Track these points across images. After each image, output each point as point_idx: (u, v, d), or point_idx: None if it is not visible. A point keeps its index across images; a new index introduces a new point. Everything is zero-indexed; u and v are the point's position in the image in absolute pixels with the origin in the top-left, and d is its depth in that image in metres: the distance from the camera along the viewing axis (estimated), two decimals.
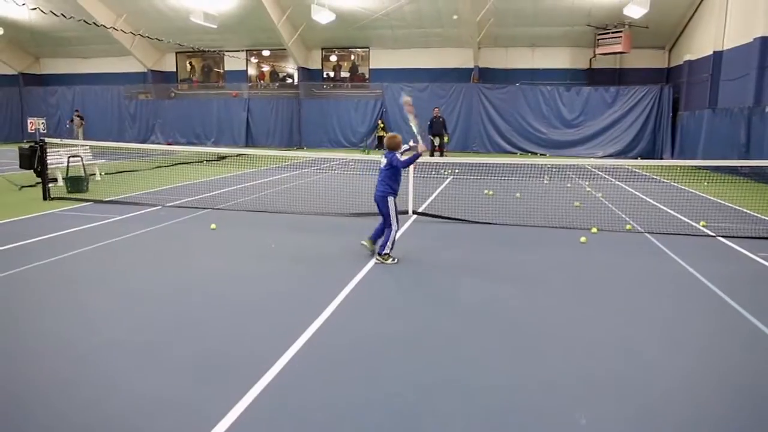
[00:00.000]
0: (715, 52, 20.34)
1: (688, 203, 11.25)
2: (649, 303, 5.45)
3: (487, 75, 27.74)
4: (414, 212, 9.51)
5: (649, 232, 8.47)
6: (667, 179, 15.64)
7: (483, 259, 6.98)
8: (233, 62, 31.44)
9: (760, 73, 17.10)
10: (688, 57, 23.25)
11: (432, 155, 20.09)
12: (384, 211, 6.76)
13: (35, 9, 23.33)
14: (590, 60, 26.64)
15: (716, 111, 19.49)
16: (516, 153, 26.35)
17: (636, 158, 24.70)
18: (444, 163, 18.35)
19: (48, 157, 11.46)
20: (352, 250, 7.06)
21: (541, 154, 25.92)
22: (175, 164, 17.42)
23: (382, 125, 28.31)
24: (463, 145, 27.20)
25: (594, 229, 8.49)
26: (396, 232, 6.76)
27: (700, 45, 22.21)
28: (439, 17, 25.37)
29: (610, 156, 24.98)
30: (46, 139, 11.81)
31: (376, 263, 6.62)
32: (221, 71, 32.79)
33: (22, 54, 33.71)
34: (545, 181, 14.03)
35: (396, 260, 6.70)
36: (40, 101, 33.40)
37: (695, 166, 18.31)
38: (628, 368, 3.95)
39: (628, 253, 7.35)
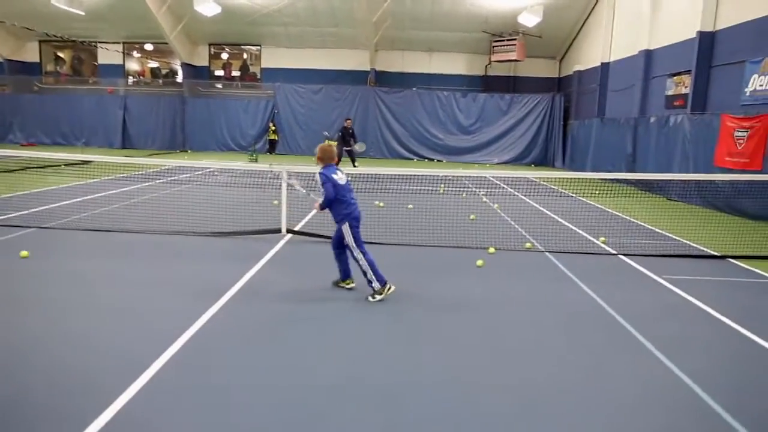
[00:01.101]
0: (602, 63, 20.79)
1: (584, 215, 10.82)
2: (554, 343, 4.54)
3: (383, 78, 26.95)
4: (288, 230, 8.19)
5: (549, 251, 7.74)
6: (562, 188, 15.45)
7: (358, 294, 5.79)
8: (108, 55, 28.36)
9: (645, 85, 17.49)
10: (577, 67, 23.75)
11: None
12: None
13: None
14: (486, 67, 26.63)
15: (604, 120, 19.85)
16: (413, 159, 25.74)
17: (530, 165, 24.93)
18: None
19: None
20: (193, 289, 5.64)
21: (437, 161, 25.49)
22: (25, 168, 14.87)
23: (273, 128, 26.67)
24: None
25: (491, 249, 7.62)
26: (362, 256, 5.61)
27: (588, 56, 22.70)
28: (334, 15, 24.21)
29: (505, 163, 25.04)
30: None
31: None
32: (95, 64, 29.54)
33: None
34: (440, 191, 13.26)
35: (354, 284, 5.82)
36: None
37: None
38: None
39: (529, 279, 6.50)
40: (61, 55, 30.12)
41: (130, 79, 29.49)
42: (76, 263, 6.35)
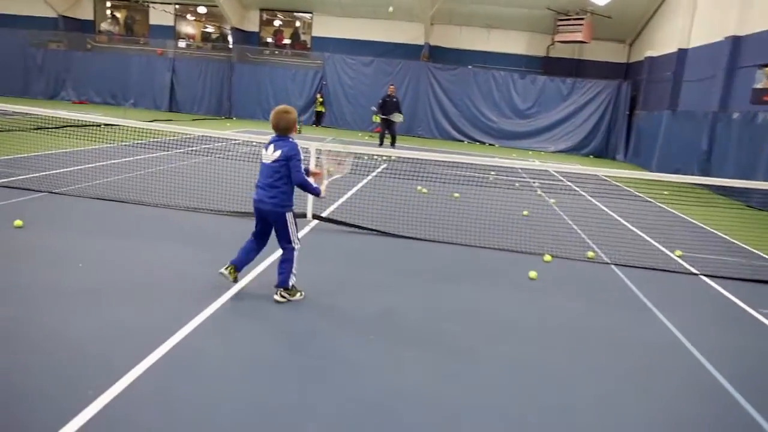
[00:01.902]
0: (679, 49, 18.87)
1: (653, 219, 9.52)
2: (630, 407, 3.48)
3: (438, 54, 25.59)
4: (314, 216, 7.27)
5: (616, 264, 6.58)
6: (624, 184, 14.04)
7: (390, 303, 4.83)
8: (160, 16, 27.96)
9: (729, 76, 15.65)
10: (649, 53, 21.80)
11: (381, 143, 17.71)
12: (279, 227, 4.58)
13: None
14: (548, 48, 24.92)
15: (676, 113, 18.10)
16: (464, 141, 24.46)
17: (588, 156, 23.33)
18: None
19: None
20: (204, 275, 4.80)
21: (489, 144, 24.15)
22: (62, 127, 14.50)
23: (320, 100, 25.82)
24: (407, 128, 25.01)
25: (547, 257, 6.52)
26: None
27: (663, 41, 20.75)
28: None
29: (562, 152, 23.51)
30: None
31: (276, 301, 4.50)
32: (147, 25, 29.21)
33: None
34: (490, 177, 12.12)
35: (302, 294, 4.65)
36: None
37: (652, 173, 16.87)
38: None
39: (593, 301, 5.39)
40: (114, 14, 29.91)
41: (181, 43, 29.07)
42: (70, 238, 5.63)
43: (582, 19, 22.20)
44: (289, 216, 4.55)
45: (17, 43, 27.71)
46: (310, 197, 6.99)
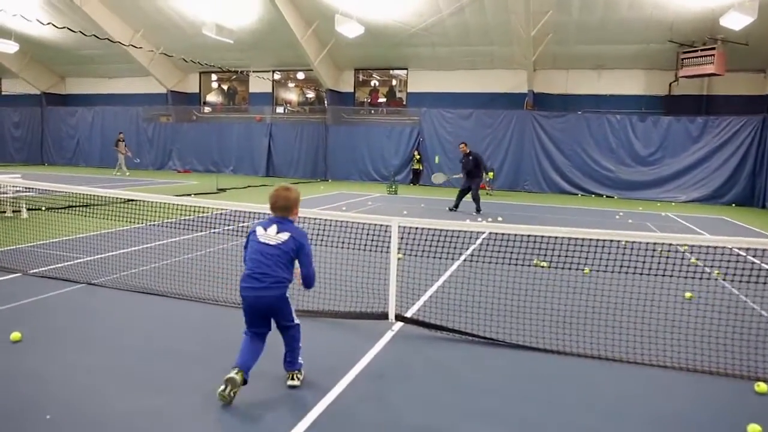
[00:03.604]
0: None
1: None
2: None
3: (543, 101, 23.58)
4: (398, 317, 5.31)
5: None
6: None
7: None
8: (258, 84, 28.50)
9: None
10: None
11: (454, 208, 14.70)
12: (284, 313, 3.85)
13: (48, 24, 21.13)
14: (670, 85, 22.11)
15: None
16: (577, 194, 21.95)
17: (729, 205, 19.94)
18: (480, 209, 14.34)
19: None
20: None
21: (607, 196, 21.44)
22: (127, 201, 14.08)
23: (417, 157, 24.56)
24: (512, 182, 23.03)
25: (762, 386, 4.18)
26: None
27: None
28: (488, 32, 21.56)
29: (695, 201, 20.32)
30: None
31: (289, 389, 3.75)
32: (247, 93, 29.92)
33: (46, 73, 32.03)
34: (623, 244, 9.69)
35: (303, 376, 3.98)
36: (60, 122, 31.46)
37: None
38: None
39: None
40: (216, 85, 31.02)
41: (279, 108, 29.38)
42: (72, 358, 4.29)
43: (712, 49, 19.38)
44: (289, 297, 3.86)
45: (133, 118, 29.40)
46: (392, 290, 5.28)
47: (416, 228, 5.53)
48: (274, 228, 3.82)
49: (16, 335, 4.53)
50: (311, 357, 4.18)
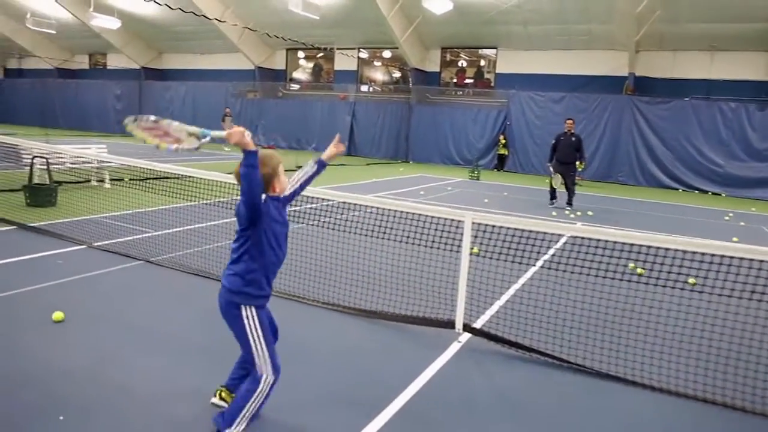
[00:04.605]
0: None
1: None
2: None
3: (645, 85, 21.67)
4: (466, 327, 4.65)
5: None
6: None
7: None
8: (343, 61, 28.27)
9: None
10: None
11: (552, 199, 13.44)
12: (235, 332, 2.96)
13: (150, 1, 21.82)
14: None
15: None
16: (677, 189, 20.09)
17: None
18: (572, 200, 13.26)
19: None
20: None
21: (713, 193, 19.46)
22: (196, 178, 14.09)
23: (503, 141, 23.43)
24: (605, 173, 21.43)
25: None
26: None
27: None
28: (587, 10, 19.97)
29: None
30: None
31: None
32: (331, 70, 29.77)
33: (145, 48, 33.46)
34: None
35: None
36: (157, 96, 32.81)
37: None
38: None
39: None
40: (303, 62, 31.09)
41: (363, 87, 29.02)
42: (113, 339, 4.01)
43: None
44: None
45: (222, 94, 30.11)
46: (462, 294, 4.64)
47: (492, 226, 4.82)
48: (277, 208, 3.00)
49: (58, 315, 4.32)
50: (363, 367, 3.65)
